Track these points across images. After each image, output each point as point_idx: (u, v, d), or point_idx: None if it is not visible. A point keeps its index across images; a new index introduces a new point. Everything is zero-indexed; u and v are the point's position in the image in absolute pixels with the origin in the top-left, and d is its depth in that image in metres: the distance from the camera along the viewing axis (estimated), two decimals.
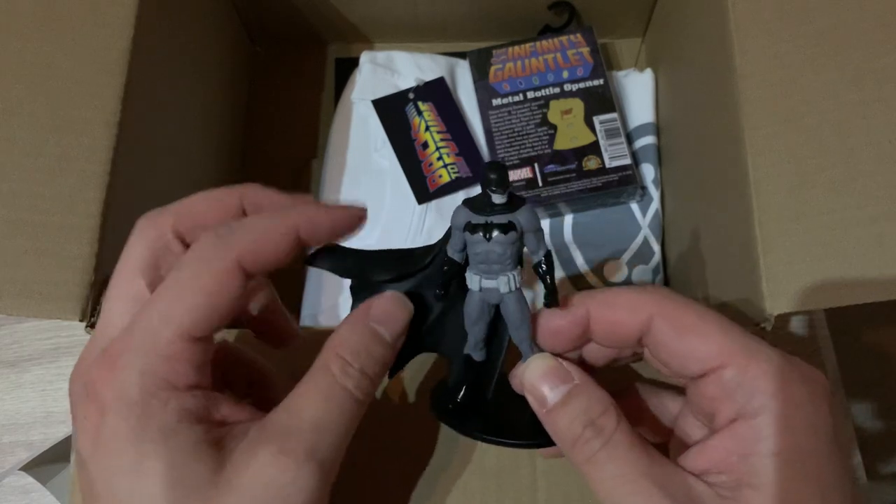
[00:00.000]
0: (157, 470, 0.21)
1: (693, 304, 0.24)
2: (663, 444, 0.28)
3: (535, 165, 0.49)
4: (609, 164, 0.49)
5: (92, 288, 0.30)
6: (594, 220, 0.51)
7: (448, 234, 0.26)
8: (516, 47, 0.52)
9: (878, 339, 0.50)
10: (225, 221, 0.25)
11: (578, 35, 0.52)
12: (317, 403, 0.23)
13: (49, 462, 0.46)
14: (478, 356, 0.27)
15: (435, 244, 0.27)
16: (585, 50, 0.52)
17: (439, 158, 0.50)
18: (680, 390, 0.27)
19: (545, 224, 0.51)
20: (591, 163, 0.49)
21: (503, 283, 0.25)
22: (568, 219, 0.51)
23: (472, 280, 0.25)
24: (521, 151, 0.50)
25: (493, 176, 0.23)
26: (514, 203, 0.24)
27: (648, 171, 0.51)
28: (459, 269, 0.26)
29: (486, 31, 0.56)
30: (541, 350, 0.26)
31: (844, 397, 0.45)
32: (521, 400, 0.26)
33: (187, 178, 0.45)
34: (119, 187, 0.32)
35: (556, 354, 0.26)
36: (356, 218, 0.26)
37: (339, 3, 0.54)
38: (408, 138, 0.51)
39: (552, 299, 0.25)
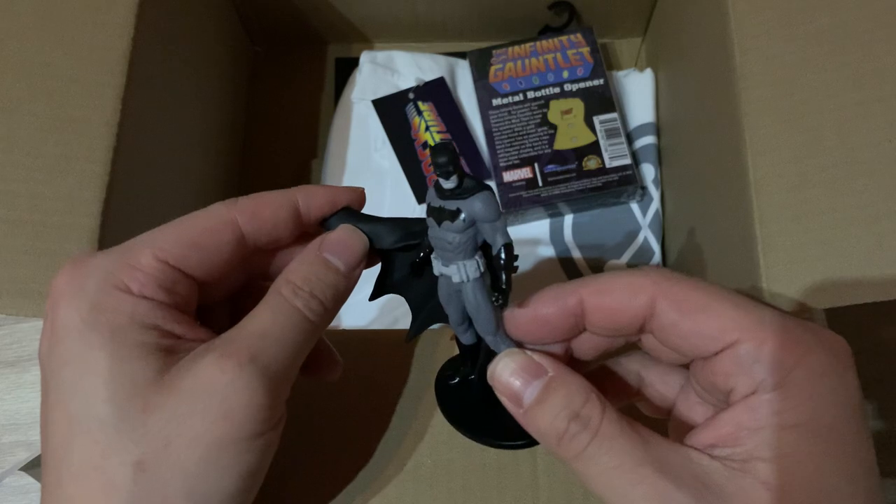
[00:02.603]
0: (101, 362, 0.21)
1: (696, 281, 0.23)
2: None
3: (535, 165, 0.49)
4: (609, 163, 0.49)
5: None
6: (594, 220, 0.51)
7: None
8: (516, 47, 0.52)
9: (878, 339, 0.50)
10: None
11: (578, 35, 0.52)
12: (264, 317, 0.24)
13: None
14: (464, 339, 0.26)
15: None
16: (585, 50, 0.52)
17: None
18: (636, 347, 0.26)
19: (545, 224, 0.51)
20: (591, 163, 0.49)
21: (454, 272, 0.24)
22: (568, 219, 0.51)
23: (435, 264, 0.25)
24: (521, 151, 0.50)
25: (439, 160, 0.21)
26: (466, 190, 0.22)
27: (648, 171, 0.51)
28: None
29: (486, 31, 0.56)
30: (509, 344, 0.25)
31: None
32: None
33: (187, 177, 0.45)
34: (119, 187, 0.32)
35: (538, 346, 0.25)
36: (356, 196, 0.27)
37: (339, 3, 0.54)
38: (408, 138, 0.51)
39: (498, 297, 0.24)
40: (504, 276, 0.23)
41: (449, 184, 0.22)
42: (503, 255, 0.23)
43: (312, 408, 0.29)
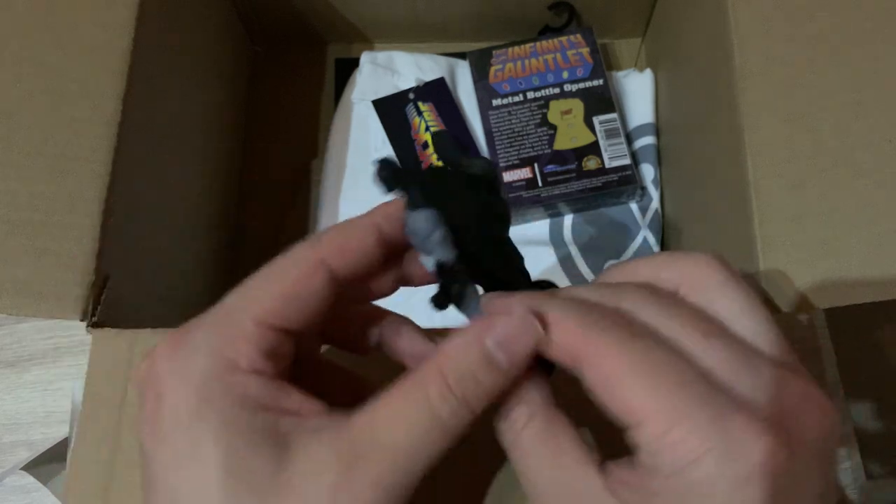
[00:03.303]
0: (213, 457, 0.20)
1: (628, 343, 0.21)
2: None
3: (535, 165, 0.49)
4: (609, 164, 0.49)
5: (92, 288, 0.30)
6: (594, 220, 0.51)
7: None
8: (516, 48, 0.52)
9: (878, 339, 0.50)
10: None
11: (578, 35, 0.52)
12: (399, 426, 0.21)
13: (49, 462, 0.46)
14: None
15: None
16: (585, 50, 0.52)
17: (439, 159, 0.50)
18: None
19: (545, 224, 0.51)
20: (590, 163, 0.49)
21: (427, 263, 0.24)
22: (568, 219, 0.51)
23: None
24: (521, 151, 0.50)
25: (380, 174, 0.23)
26: (412, 203, 0.23)
27: (648, 172, 0.51)
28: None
29: (486, 31, 0.56)
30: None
31: (844, 397, 0.45)
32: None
33: (187, 177, 0.45)
34: (119, 187, 0.32)
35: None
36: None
37: (339, 3, 0.54)
38: (408, 138, 0.51)
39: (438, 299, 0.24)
40: (440, 287, 0.24)
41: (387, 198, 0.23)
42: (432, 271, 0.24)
43: None
